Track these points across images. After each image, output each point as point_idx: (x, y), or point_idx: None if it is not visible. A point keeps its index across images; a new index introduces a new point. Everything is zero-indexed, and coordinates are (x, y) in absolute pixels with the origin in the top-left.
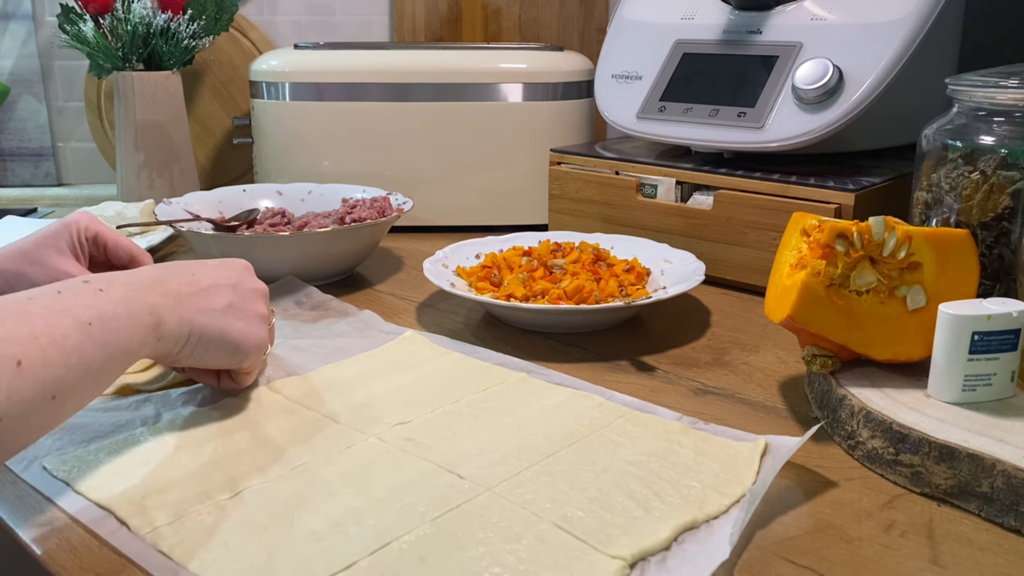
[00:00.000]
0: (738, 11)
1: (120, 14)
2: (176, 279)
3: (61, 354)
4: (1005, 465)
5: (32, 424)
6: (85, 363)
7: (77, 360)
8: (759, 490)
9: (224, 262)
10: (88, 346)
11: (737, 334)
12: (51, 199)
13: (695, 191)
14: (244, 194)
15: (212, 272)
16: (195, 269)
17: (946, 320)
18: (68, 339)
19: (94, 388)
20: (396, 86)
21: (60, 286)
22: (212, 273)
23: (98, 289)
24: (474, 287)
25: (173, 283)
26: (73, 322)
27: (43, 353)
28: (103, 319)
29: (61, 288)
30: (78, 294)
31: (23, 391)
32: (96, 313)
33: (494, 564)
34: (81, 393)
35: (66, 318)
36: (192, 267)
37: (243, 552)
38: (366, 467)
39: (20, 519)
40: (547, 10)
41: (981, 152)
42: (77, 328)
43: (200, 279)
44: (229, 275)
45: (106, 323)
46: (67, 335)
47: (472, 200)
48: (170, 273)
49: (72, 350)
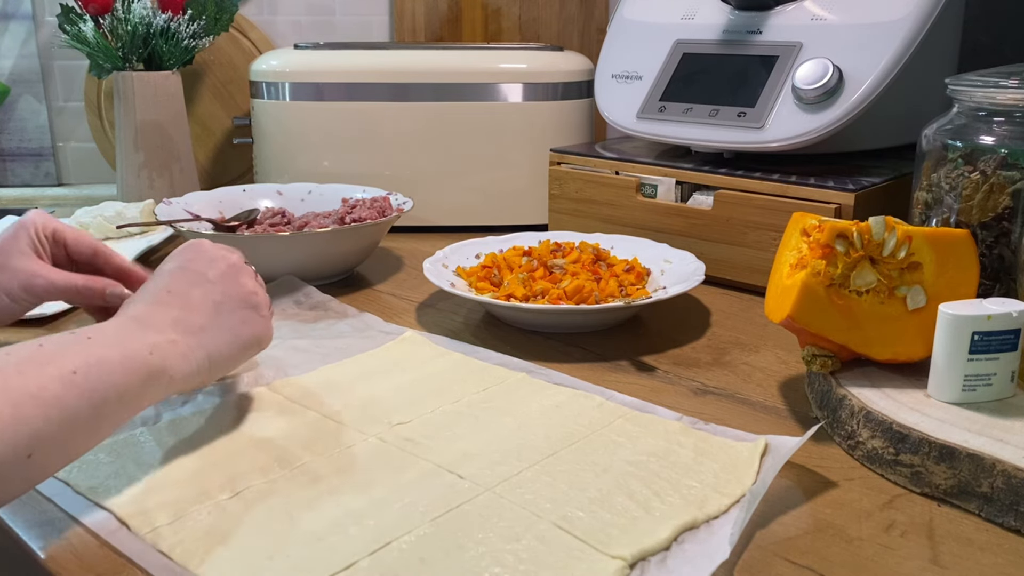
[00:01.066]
0: (738, 11)
1: (120, 14)
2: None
3: (38, 407)
4: (1005, 465)
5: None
6: (70, 413)
7: (59, 412)
8: (759, 490)
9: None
10: (72, 395)
11: (737, 334)
12: (51, 199)
13: (695, 191)
14: (244, 194)
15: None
16: (170, 284)
17: (946, 320)
18: (46, 390)
19: (89, 438)
20: (396, 86)
21: (42, 339)
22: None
23: (86, 337)
24: (474, 287)
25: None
26: (54, 371)
27: (14, 408)
28: (90, 365)
29: (43, 341)
30: (62, 344)
31: None
32: (82, 360)
33: (494, 564)
34: (65, 447)
35: (46, 368)
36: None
37: (243, 552)
38: (366, 467)
39: (20, 519)
40: (547, 10)
41: (981, 152)
42: (59, 378)
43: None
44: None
45: (92, 369)
46: (45, 386)
47: (472, 200)
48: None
49: (52, 402)
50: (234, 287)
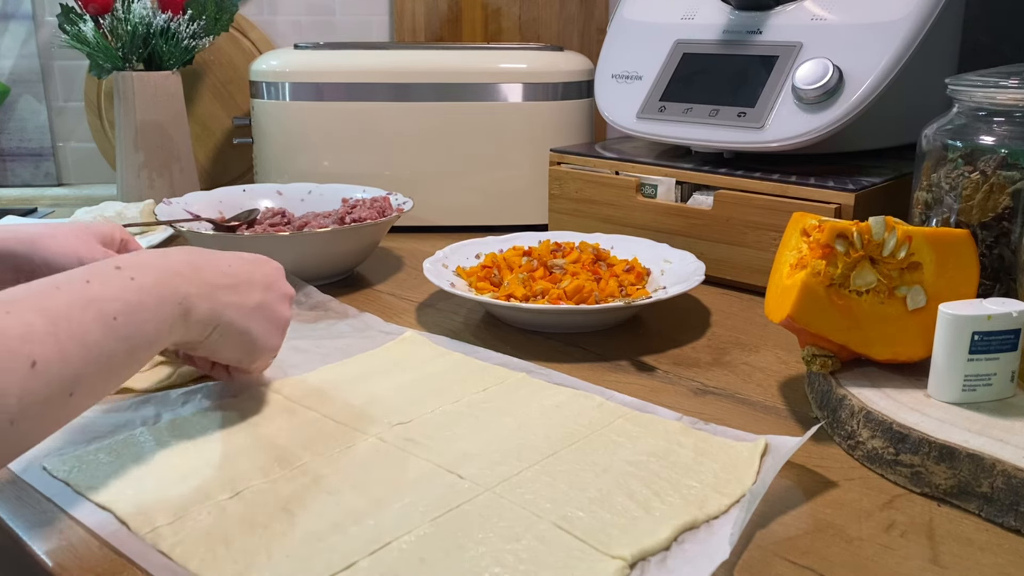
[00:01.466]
0: (738, 11)
1: (120, 14)
2: (212, 268)
3: (81, 349)
4: (1005, 465)
5: (46, 423)
6: (107, 357)
7: (98, 355)
8: (759, 490)
9: (259, 259)
10: (111, 340)
11: (737, 334)
12: (51, 199)
13: (695, 191)
14: (244, 194)
15: (247, 267)
16: (231, 261)
17: (946, 320)
18: (90, 334)
19: (115, 382)
20: (396, 86)
21: (90, 273)
22: (247, 268)
23: (129, 277)
24: (474, 287)
25: (209, 272)
26: (97, 315)
27: (61, 351)
28: (129, 311)
29: (90, 276)
30: (107, 283)
31: (37, 391)
32: (122, 305)
33: (494, 564)
34: (101, 387)
35: (90, 311)
36: (228, 258)
37: (243, 552)
38: (366, 467)
39: (20, 519)
40: (547, 10)
41: (981, 152)
42: (101, 323)
43: (236, 272)
44: (264, 274)
45: (132, 316)
46: (89, 330)
47: (472, 200)
48: (207, 260)
49: (94, 345)
50: (277, 306)
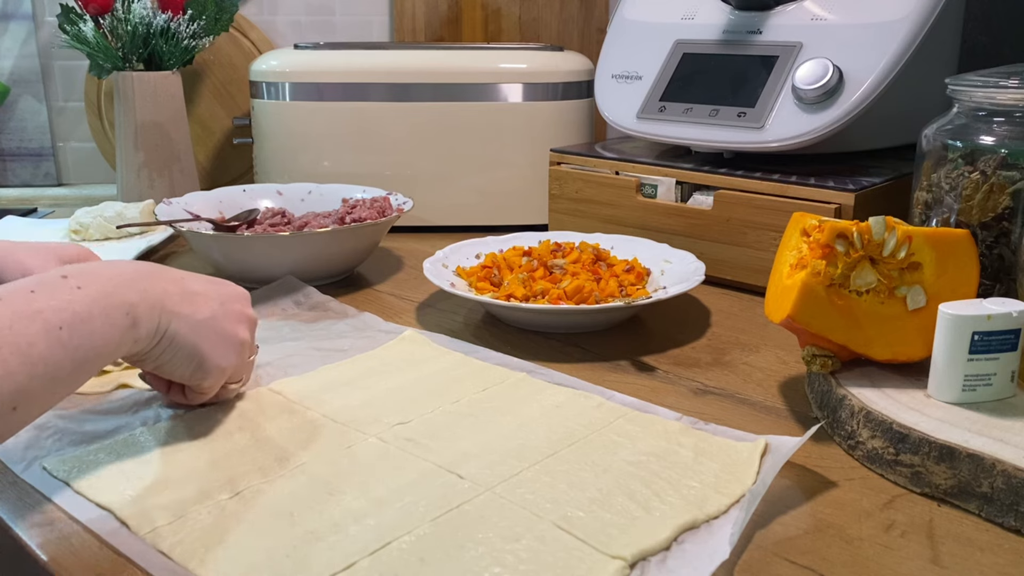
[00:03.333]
0: (738, 11)
1: (120, 14)
2: (162, 278)
3: (25, 364)
4: (1005, 465)
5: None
6: (52, 370)
7: (43, 369)
8: (759, 490)
9: (222, 282)
10: (57, 352)
11: (737, 334)
12: (51, 199)
13: (695, 191)
14: (244, 194)
15: (203, 284)
16: (187, 276)
17: (946, 320)
18: (35, 347)
19: (61, 393)
20: (396, 86)
21: (35, 283)
22: (202, 284)
23: (76, 287)
24: (474, 287)
25: (160, 281)
26: (43, 327)
27: (4, 365)
28: (76, 322)
29: (35, 286)
30: (53, 293)
31: None
32: (69, 316)
33: (494, 564)
34: (45, 400)
35: (35, 323)
36: (183, 274)
37: (243, 552)
38: (366, 467)
39: (20, 519)
40: (547, 10)
41: (981, 152)
42: (46, 334)
43: (188, 285)
44: (220, 291)
45: (78, 326)
46: (34, 343)
47: (472, 200)
48: (158, 271)
49: (39, 358)
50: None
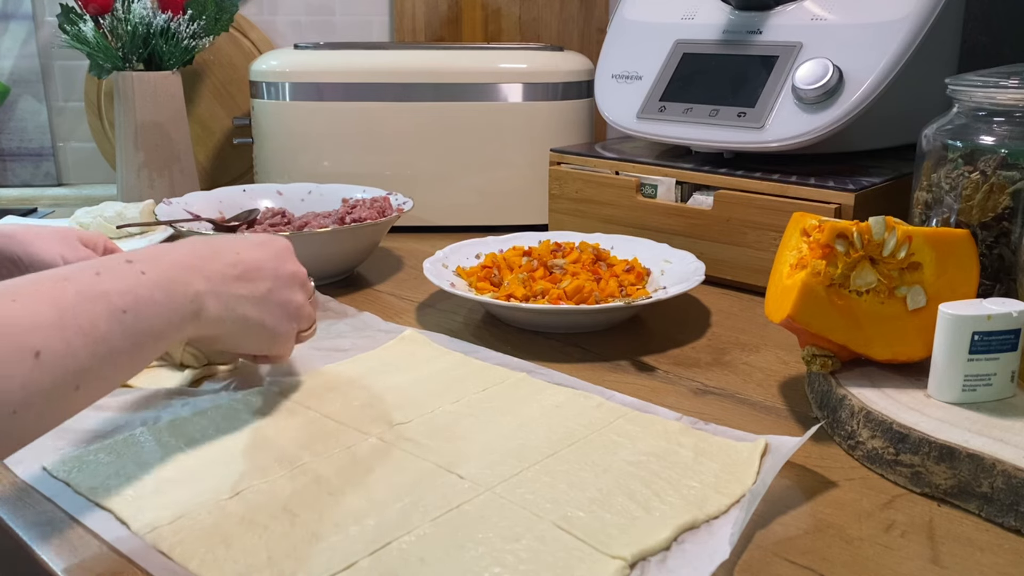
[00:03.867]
0: (738, 11)
1: (120, 14)
2: (221, 260)
3: (88, 344)
4: (1005, 465)
5: (49, 415)
6: (114, 353)
7: (106, 350)
8: (759, 490)
9: (265, 240)
10: (119, 335)
11: (737, 334)
12: (51, 199)
13: (695, 191)
14: (244, 194)
15: (254, 252)
16: (239, 248)
17: (946, 320)
18: (97, 328)
19: (122, 376)
20: (396, 86)
21: (100, 265)
22: (254, 254)
23: (140, 271)
24: (474, 287)
25: (218, 264)
26: (106, 309)
27: (67, 344)
28: (139, 306)
29: (100, 269)
30: (118, 276)
31: (41, 382)
32: (132, 300)
33: (494, 564)
34: (107, 382)
35: (100, 304)
36: (236, 245)
37: (243, 552)
38: (366, 467)
39: (20, 519)
40: (547, 10)
41: (981, 152)
42: (109, 316)
43: (244, 259)
44: (271, 258)
45: (141, 310)
46: (97, 324)
47: (472, 200)
48: (214, 250)
49: (101, 339)
50: (287, 291)
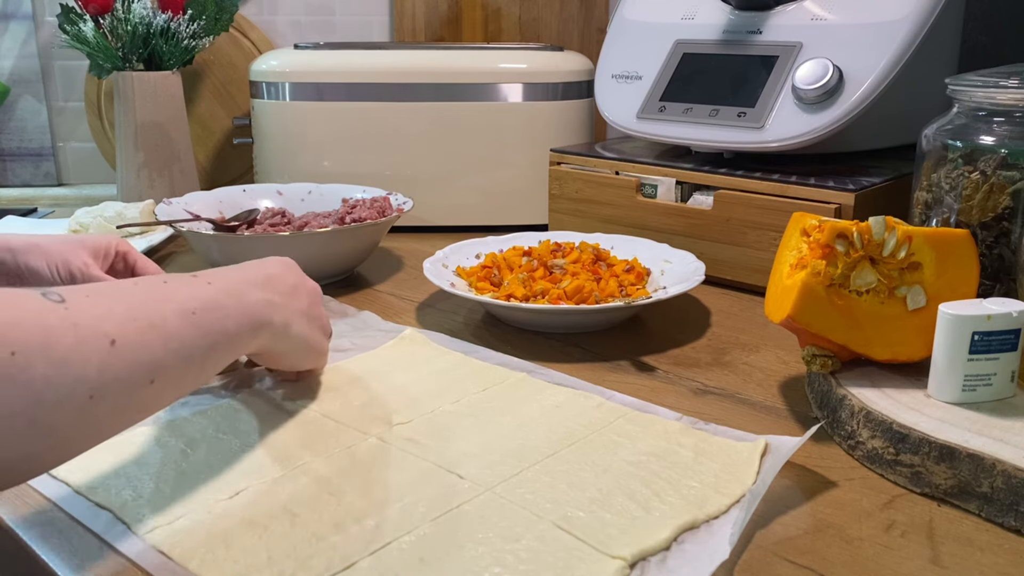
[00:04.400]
0: (738, 11)
1: (120, 14)
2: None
3: (160, 337)
4: (1005, 465)
5: (126, 406)
6: (187, 349)
7: (178, 345)
8: (759, 490)
9: (277, 259)
10: (190, 332)
11: (737, 334)
12: (51, 199)
13: (695, 191)
14: (244, 194)
15: (280, 270)
16: (267, 270)
17: (946, 320)
18: (168, 323)
19: (197, 376)
20: (396, 86)
21: (167, 277)
22: (281, 271)
23: (207, 283)
24: (474, 287)
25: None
26: (176, 308)
27: (140, 335)
28: (208, 308)
29: (168, 279)
30: (183, 283)
31: (117, 368)
32: (201, 303)
33: (494, 564)
34: (182, 380)
35: (169, 304)
36: (263, 268)
37: (243, 552)
38: (366, 467)
39: (20, 519)
40: (547, 10)
41: (981, 152)
42: (179, 315)
43: (280, 278)
44: (296, 275)
45: (211, 312)
46: (167, 319)
47: (472, 200)
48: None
49: (172, 334)
50: (317, 307)
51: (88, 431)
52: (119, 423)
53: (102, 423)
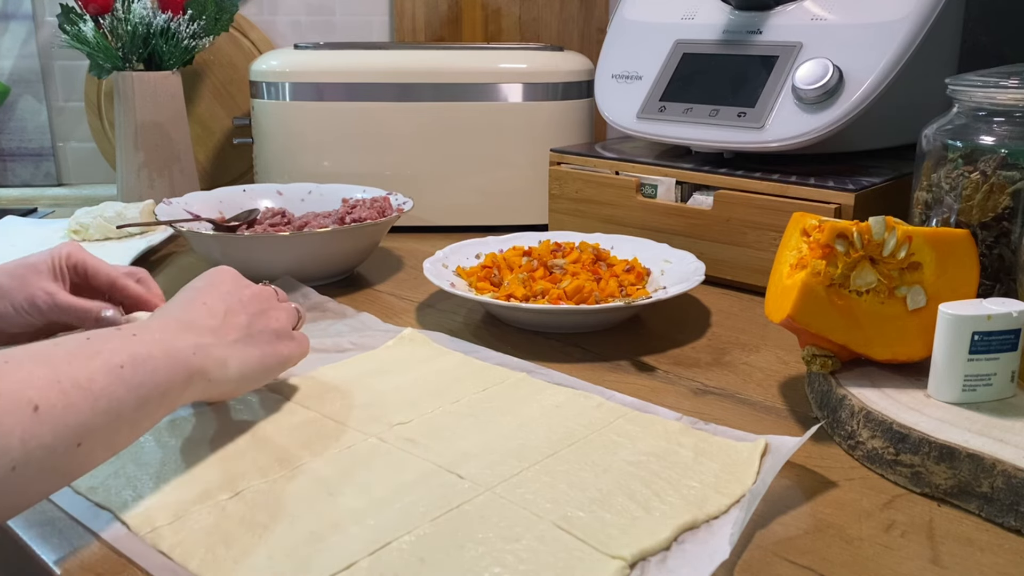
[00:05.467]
0: (738, 11)
1: (120, 14)
2: (201, 318)
3: (87, 398)
4: (1005, 465)
5: (51, 473)
6: (116, 408)
7: (106, 404)
8: (759, 490)
9: (213, 279)
10: (119, 389)
11: (737, 334)
12: (51, 199)
13: (695, 191)
14: (244, 194)
15: (214, 295)
16: (203, 298)
17: (946, 320)
18: (95, 382)
19: (129, 434)
20: (396, 86)
21: (89, 333)
22: (216, 297)
23: (131, 334)
24: (474, 287)
25: (200, 322)
26: (102, 365)
27: (65, 397)
28: (136, 361)
29: (90, 335)
30: (107, 338)
31: (41, 436)
32: (128, 356)
33: (494, 564)
34: (112, 439)
35: (94, 361)
36: (199, 296)
37: (243, 552)
38: (366, 467)
39: (20, 519)
40: (547, 10)
41: (981, 152)
42: (106, 371)
43: (213, 307)
44: (231, 291)
45: (140, 365)
46: (94, 378)
47: (472, 200)
48: (188, 311)
49: (100, 393)
50: (262, 316)
51: (9, 502)
52: (43, 491)
53: (25, 493)
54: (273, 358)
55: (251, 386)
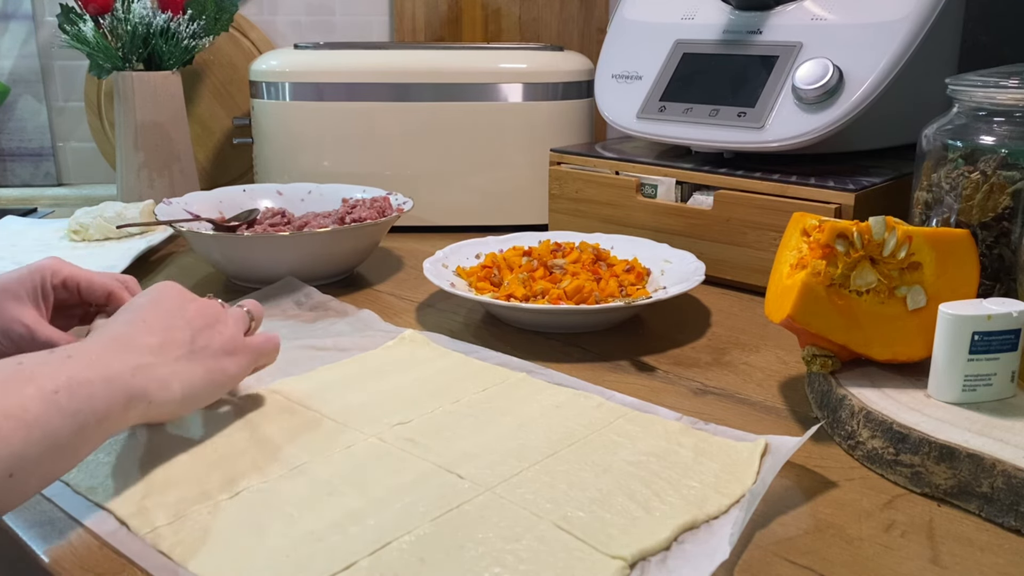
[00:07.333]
0: (738, 11)
1: (120, 14)
2: (139, 336)
3: (19, 427)
4: (1005, 465)
5: None
6: (51, 436)
7: (41, 433)
8: (759, 490)
9: (156, 295)
10: (54, 416)
11: (737, 334)
12: (51, 199)
13: (695, 191)
14: (244, 194)
15: (156, 312)
16: (143, 316)
17: (946, 320)
18: (28, 411)
19: (65, 461)
20: (396, 86)
21: (22, 357)
22: (158, 314)
23: (66, 356)
24: (474, 287)
25: (139, 340)
26: (36, 391)
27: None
28: (72, 386)
29: (22, 359)
30: (41, 361)
31: None
32: (64, 380)
33: (494, 564)
34: (47, 468)
35: (28, 387)
36: (139, 315)
37: (243, 552)
38: (366, 467)
39: (20, 519)
40: (547, 10)
41: (981, 152)
42: (40, 398)
43: (153, 324)
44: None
45: (76, 391)
46: (27, 406)
47: (472, 200)
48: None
49: (33, 423)
50: (207, 331)
51: None
52: None
53: None
54: (219, 374)
55: (197, 405)
